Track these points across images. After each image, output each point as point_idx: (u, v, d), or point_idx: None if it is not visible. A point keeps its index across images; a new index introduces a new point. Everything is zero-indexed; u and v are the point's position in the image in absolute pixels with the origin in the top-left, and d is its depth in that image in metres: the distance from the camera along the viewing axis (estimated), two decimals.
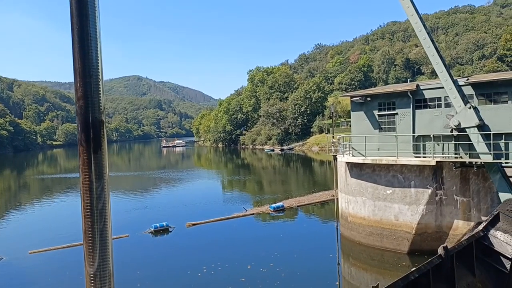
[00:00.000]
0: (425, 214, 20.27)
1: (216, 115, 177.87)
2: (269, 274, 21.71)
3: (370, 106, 22.88)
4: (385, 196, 21.73)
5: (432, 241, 19.64)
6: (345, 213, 24.59)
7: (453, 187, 19.48)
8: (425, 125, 20.80)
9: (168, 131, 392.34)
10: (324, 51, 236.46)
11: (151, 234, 31.40)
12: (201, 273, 22.42)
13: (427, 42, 18.97)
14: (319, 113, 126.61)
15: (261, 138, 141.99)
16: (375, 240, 22.17)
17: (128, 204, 46.67)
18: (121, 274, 23.31)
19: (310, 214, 38.01)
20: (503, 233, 15.81)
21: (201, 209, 39.91)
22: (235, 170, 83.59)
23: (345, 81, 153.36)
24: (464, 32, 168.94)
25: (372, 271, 20.88)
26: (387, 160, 21.19)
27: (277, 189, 53.69)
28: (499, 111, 18.27)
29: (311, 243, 28.15)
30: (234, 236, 30.69)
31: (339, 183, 25.63)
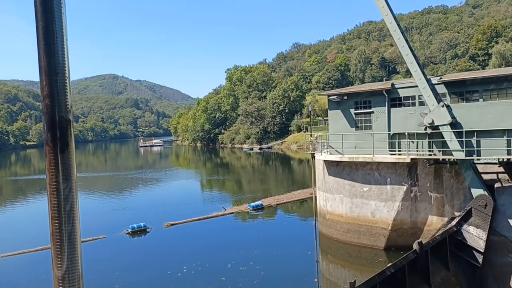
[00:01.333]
0: (401, 211, 20.66)
1: (194, 114, 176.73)
2: (249, 273, 21.75)
3: (346, 105, 23.15)
4: (362, 193, 22.04)
5: (408, 236, 20.04)
6: (323, 210, 24.82)
7: (427, 183, 19.92)
8: (400, 123, 21.20)
9: (145, 131, 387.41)
10: (301, 50, 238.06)
11: (128, 235, 30.96)
12: (181, 273, 22.26)
13: (401, 41, 19.32)
14: (298, 111, 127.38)
15: (240, 137, 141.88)
16: (353, 236, 22.47)
17: (105, 205, 45.88)
18: (99, 275, 22.94)
19: (289, 212, 38.22)
20: (475, 228, 16.28)
21: (180, 209, 39.59)
22: (214, 169, 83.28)
23: (322, 80, 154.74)
24: (437, 32, 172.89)
25: (350, 267, 21.17)
26: (363, 158, 21.49)
27: (256, 188, 53.76)
28: (470, 109, 18.78)
29: (290, 241, 28.32)
30: (214, 235, 30.58)
31: (317, 181, 25.86)
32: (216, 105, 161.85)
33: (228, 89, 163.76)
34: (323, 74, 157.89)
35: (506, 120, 17.83)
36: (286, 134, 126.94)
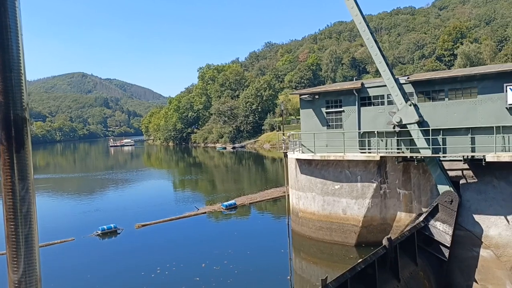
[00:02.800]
0: (371, 207, 21.08)
1: (166, 113, 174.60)
2: (223, 272, 21.72)
3: (318, 104, 23.41)
4: (333, 191, 22.35)
5: (378, 233, 20.47)
6: (295, 208, 25.03)
7: (396, 180, 20.40)
8: (369, 121, 21.61)
9: (115, 130, 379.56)
10: (274, 49, 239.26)
11: (99, 236, 30.29)
12: (154, 274, 22.00)
13: (370, 42, 19.69)
14: (270, 110, 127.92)
15: (213, 136, 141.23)
16: (325, 234, 22.76)
17: (74, 206, 44.71)
18: (70, 278, 22.39)
19: (262, 211, 38.34)
20: (442, 223, 16.79)
21: (151, 210, 39.03)
22: (187, 169, 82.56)
23: (295, 79, 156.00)
24: (405, 32, 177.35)
25: (322, 264, 21.44)
26: (335, 156, 21.79)
27: (230, 187, 53.65)
28: (436, 108, 19.35)
29: (264, 239, 28.42)
30: (187, 235, 30.32)
31: (289, 180, 26.04)
32: (189, 104, 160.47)
33: (201, 88, 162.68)
34: (295, 74, 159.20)
35: (470, 118, 18.48)
36: (259, 133, 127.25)
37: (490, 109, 17.97)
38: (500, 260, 15.64)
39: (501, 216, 16.04)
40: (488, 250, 16.05)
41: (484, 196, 16.55)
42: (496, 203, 16.21)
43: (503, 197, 16.03)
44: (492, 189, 16.41)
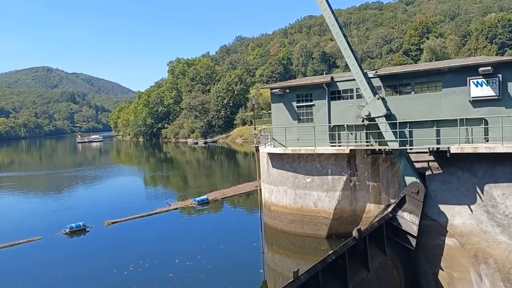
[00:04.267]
0: (341, 200, 21.45)
1: (135, 108, 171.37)
2: (196, 267, 21.68)
3: (289, 98, 23.53)
4: (305, 185, 22.59)
5: (348, 224, 20.86)
6: (268, 202, 25.16)
7: (365, 173, 20.83)
8: (339, 115, 21.93)
9: (83, 126, 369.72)
10: (245, 43, 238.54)
11: (67, 235, 29.51)
12: (127, 271, 21.69)
13: (339, 36, 19.93)
14: (242, 105, 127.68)
15: (184, 131, 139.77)
16: (297, 227, 23.01)
17: (40, 205, 43.33)
18: (40, 278, 21.77)
19: (235, 206, 38.34)
20: (409, 214, 17.28)
21: (121, 207, 38.31)
22: (158, 165, 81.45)
23: (266, 73, 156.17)
24: (374, 27, 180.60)
25: (294, 256, 21.68)
26: (306, 150, 22.00)
27: (202, 182, 53.34)
28: (403, 102, 19.83)
29: (237, 233, 28.46)
30: (159, 232, 29.97)
31: (262, 174, 26.13)
32: (159, 99, 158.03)
33: (171, 82, 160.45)
34: (267, 68, 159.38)
35: (435, 111, 19.04)
36: (231, 128, 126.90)
37: (454, 102, 18.57)
38: (464, 248, 16.26)
39: (465, 206, 16.65)
40: (453, 239, 16.64)
41: (449, 186, 17.13)
42: (460, 193, 16.81)
43: (467, 187, 16.64)
44: (456, 180, 17.00)
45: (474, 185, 16.47)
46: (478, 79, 17.84)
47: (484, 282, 15.59)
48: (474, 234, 16.20)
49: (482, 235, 15.96)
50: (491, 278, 15.43)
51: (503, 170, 15.79)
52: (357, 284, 12.97)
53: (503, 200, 15.68)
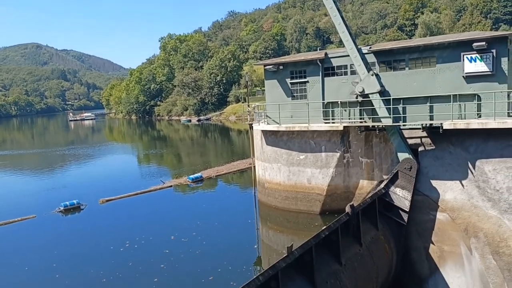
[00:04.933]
0: (335, 176, 21.59)
1: (127, 86, 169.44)
2: (192, 243, 21.95)
3: (282, 75, 23.33)
4: (298, 162, 22.67)
5: (341, 200, 21.06)
6: (262, 179, 25.28)
7: (359, 149, 20.91)
8: (333, 92, 21.82)
9: (75, 104, 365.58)
10: (237, 18, 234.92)
11: (61, 213, 29.59)
12: (123, 248, 21.90)
13: (333, 11, 19.63)
14: (235, 82, 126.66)
15: (177, 108, 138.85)
16: (290, 203, 23.20)
17: (34, 183, 43.26)
18: (35, 255, 21.94)
19: (229, 183, 38.54)
20: (401, 189, 17.46)
21: (115, 185, 38.32)
22: (151, 142, 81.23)
23: (259, 49, 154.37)
24: (368, 2, 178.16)
25: (288, 232, 21.96)
26: (299, 127, 21.97)
27: (196, 160, 53.38)
28: (397, 78, 19.75)
29: (231, 210, 28.71)
30: (154, 209, 30.14)
31: (255, 151, 26.15)
32: (151, 76, 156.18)
33: (163, 59, 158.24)
34: (260, 44, 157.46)
35: (428, 87, 19.00)
36: (224, 105, 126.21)
37: (448, 78, 18.52)
38: (455, 223, 16.53)
39: (456, 181, 16.84)
40: (444, 213, 16.89)
41: (441, 162, 17.28)
42: (452, 168, 16.96)
43: (459, 162, 16.79)
44: (449, 155, 17.13)
45: (466, 161, 16.62)
46: (472, 54, 17.75)
47: (474, 255, 15.93)
48: (465, 208, 16.44)
49: (473, 210, 16.21)
50: (481, 252, 15.76)
51: (494, 146, 15.91)
52: (350, 259, 13.18)
53: (494, 175, 15.86)
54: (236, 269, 18.63)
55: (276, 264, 9.71)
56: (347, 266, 12.75)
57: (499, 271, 15.32)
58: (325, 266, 11.99)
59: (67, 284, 18.08)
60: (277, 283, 9.53)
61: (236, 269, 18.57)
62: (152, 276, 18.24)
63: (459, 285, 16.24)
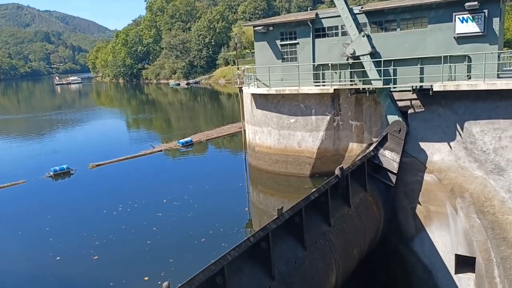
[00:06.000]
0: (325, 139, 21.66)
1: (113, 48, 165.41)
2: (184, 207, 22.23)
3: (272, 36, 22.83)
4: (288, 125, 22.63)
5: (331, 163, 21.23)
6: (252, 143, 25.28)
7: (349, 112, 20.88)
8: (324, 54, 21.48)
9: (60, 67, 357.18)
10: None
11: (51, 178, 29.55)
12: (117, 211, 22.11)
13: None
14: (224, 44, 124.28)
15: (165, 72, 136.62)
16: (281, 167, 23.35)
17: (21, 149, 42.87)
18: (29, 219, 22.04)
19: (219, 147, 38.60)
20: (390, 152, 17.65)
21: (105, 150, 38.18)
22: (140, 107, 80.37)
23: (248, 10, 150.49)
24: None
25: (278, 195, 22.27)
26: (290, 90, 21.76)
27: (185, 124, 53.14)
28: (388, 39, 19.45)
29: (222, 174, 28.93)
30: (145, 173, 30.23)
31: (245, 115, 26.00)
32: (137, 38, 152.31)
33: (149, 20, 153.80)
34: (249, 4, 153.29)
35: (419, 48, 18.79)
36: (213, 68, 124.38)
37: (439, 39, 18.30)
38: (442, 183, 16.86)
39: (444, 143, 17.02)
40: (431, 175, 17.19)
41: (430, 124, 17.38)
42: (441, 130, 17.10)
43: (447, 124, 16.91)
44: (438, 118, 17.22)
45: (454, 123, 16.74)
46: (464, 14, 17.49)
47: (459, 215, 16.37)
48: (452, 169, 16.72)
49: (460, 171, 16.50)
50: (466, 211, 16.19)
51: (483, 107, 16.00)
52: (339, 219, 13.46)
53: (481, 137, 16.05)
54: (227, 231, 18.99)
55: (266, 226, 9.86)
56: (335, 227, 13.03)
57: (482, 229, 15.82)
58: (314, 227, 12.24)
59: (60, 248, 18.32)
60: (267, 244, 9.72)
61: (228, 231, 18.94)
62: (145, 239, 18.53)
63: (444, 243, 16.79)
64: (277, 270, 9.99)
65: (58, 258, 17.41)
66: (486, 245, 15.79)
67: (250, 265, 9.64)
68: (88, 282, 15.58)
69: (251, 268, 9.63)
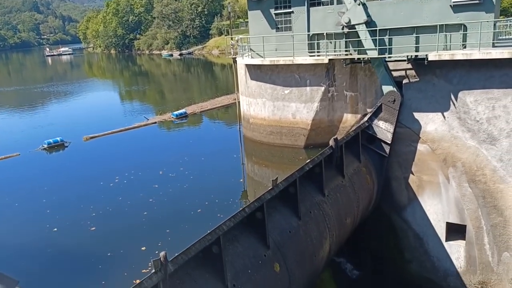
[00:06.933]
0: (319, 111, 21.65)
1: (104, 18, 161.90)
2: (179, 178, 22.37)
3: (266, 5, 22.39)
4: (283, 96, 22.54)
5: (325, 134, 21.30)
6: (246, 115, 25.23)
7: (343, 83, 20.78)
8: (319, 23, 21.15)
9: (50, 38, 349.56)
10: None
11: (45, 150, 29.45)
12: (113, 183, 22.20)
13: None
14: (218, 13, 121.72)
15: (158, 42, 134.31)
16: (275, 138, 23.41)
17: (14, 122, 42.53)
18: (24, 191, 22.10)
19: (214, 119, 38.52)
20: (384, 122, 17.71)
21: (98, 122, 37.93)
22: (132, 78, 79.43)
23: None
24: None
25: (273, 166, 22.42)
26: (284, 61, 21.54)
27: (179, 96, 52.75)
28: (384, 7, 19.14)
29: (217, 146, 28.98)
30: (140, 145, 30.21)
31: (240, 86, 25.81)
32: (128, 7, 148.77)
33: None
34: None
35: (415, 17, 18.54)
36: (206, 39, 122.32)
37: (435, 7, 18.04)
38: (435, 153, 17.02)
39: (438, 113, 17.08)
40: (424, 145, 17.33)
41: (424, 94, 17.37)
42: (435, 100, 17.11)
43: (442, 94, 16.91)
44: (432, 87, 17.20)
45: (448, 92, 16.74)
46: None
47: (451, 184, 16.62)
48: (445, 139, 16.85)
49: (453, 140, 16.64)
50: (458, 180, 16.43)
51: (477, 77, 15.97)
52: (332, 190, 13.64)
53: (475, 106, 16.10)
54: (223, 202, 19.19)
55: (261, 196, 9.98)
56: (329, 197, 13.22)
57: (474, 198, 16.11)
58: (308, 197, 12.41)
59: (57, 219, 18.47)
60: (262, 214, 9.87)
61: (223, 202, 19.14)
62: (142, 210, 18.71)
63: (436, 212, 17.12)
64: (272, 240, 10.19)
65: (56, 229, 17.58)
66: (477, 213, 16.13)
67: (245, 235, 9.82)
68: (85, 253, 15.81)
69: (247, 237, 9.80)
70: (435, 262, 17.43)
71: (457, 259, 16.96)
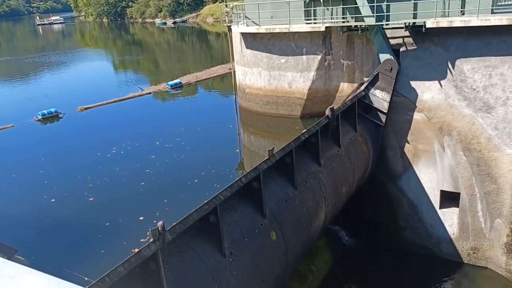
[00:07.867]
0: (315, 80, 21.44)
1: None
2: (176, 149, 22.41)
3: None
4: (279, 65, 22.25)
5: (321, 104, 21.18)
6: (242, 85, 24.98)
7: (340, 51, 20.49)
8: None
9: (40, 6, 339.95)
10: None
11: (39, 122, 29.25)
12: (110, 154, 22.22)
13: None
14: None
15: (151, 10, 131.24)
16: (271, 108, 23.28)
17: (6, 93, 42.01)
18: (22, 162, 22.10)
19: (209, 89, 38.20)
20: (381, 91, 17.61)
21: (92, 93, 37.52)
22: (126, 47, 78.07)
23: None
24: None
25: (269, 136, 22.44)
26: (280, 29, 21.13)
27: (173, 66, 52.06)
28: None
29: (212, 116, 28.89)
30: (135, 116, 30.08)
31: (235, 55, 25.43)
32: None
33: None
34: None
35: None
36: (200, 6, 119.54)
37: None
38: (431, 122, 17.04)
39: (435, 81, 16.97)
40: (421, 114, 17.31)
41: (422, 62, 17.20)
42: (432, 68, 16.97)
43: (439, 62, 16.74)
44: (429, 55, 17.01)
45: (446, 60, 16.57)
46: None
47: (446, 152, 16.73)
48: (441, 108, 16.83)
49: (449, 109, 16.62)
50: (453, 149, 16.53)
51: (475, 44, 15.79)
52: (328, 159, 13.70)
53: (472, 75, 16.00)
54: (219, 172, 19.30)
55: (258, 166, 10.02)
56: (325, 167, 13.30)
57: (468, 166, 16.27)
58: (304, 167, 12.47)
59: (55, 190, 18.56)
60: (259, 184, 9.93)
61: (220, 172, 19.26)
62: (139, 180, 18.81)
63: (430, 180, 17.32)
64: (268, 209, 10.30)
65: (53, 200, 17.69)
66: (471, 181, 16.33)
67: (242, 204, 9.92)
68: (84, 223, 15.98)
69: (243, 207, 9.91)
70: (429, 229, 17.79)
71: (450, 226, 17.30)
